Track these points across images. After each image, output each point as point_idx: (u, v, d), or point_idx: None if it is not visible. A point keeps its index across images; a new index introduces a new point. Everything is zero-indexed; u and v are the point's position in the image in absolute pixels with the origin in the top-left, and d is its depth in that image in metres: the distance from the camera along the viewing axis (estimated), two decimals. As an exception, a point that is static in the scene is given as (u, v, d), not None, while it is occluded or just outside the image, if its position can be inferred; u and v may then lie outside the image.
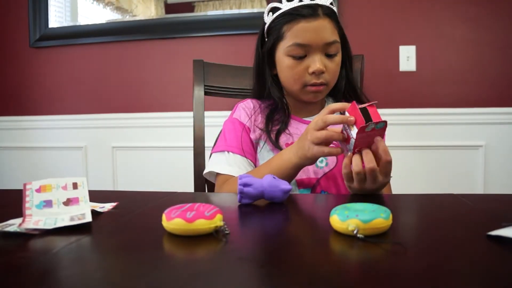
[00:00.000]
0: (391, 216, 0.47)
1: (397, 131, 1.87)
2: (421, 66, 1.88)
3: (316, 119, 0.73)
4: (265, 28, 0.93)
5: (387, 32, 1.89)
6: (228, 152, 0.91)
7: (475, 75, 1.84)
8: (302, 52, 0.86)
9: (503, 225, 0.47)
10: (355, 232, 0.45)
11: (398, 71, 1.89)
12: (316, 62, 0.85)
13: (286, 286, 0.35)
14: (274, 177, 0.65)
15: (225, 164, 0.90)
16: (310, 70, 0.86)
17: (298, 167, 0.78)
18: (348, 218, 0.46)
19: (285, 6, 0.87)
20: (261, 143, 0.92)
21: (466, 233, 0.49)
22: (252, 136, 0.93)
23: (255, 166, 0.92)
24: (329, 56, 0.87)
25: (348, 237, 0.45)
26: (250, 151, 0.92)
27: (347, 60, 0.94)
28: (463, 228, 0.52)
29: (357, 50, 0.97)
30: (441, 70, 1.87)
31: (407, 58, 1.88)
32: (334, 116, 0.70)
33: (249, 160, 0.91)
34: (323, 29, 0.85)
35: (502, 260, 0.40)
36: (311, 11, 0.84)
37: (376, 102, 0.69)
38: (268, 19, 0.91)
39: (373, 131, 0.66)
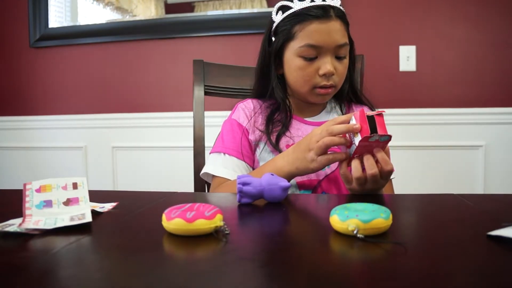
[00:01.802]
0: (391, 216, 0.47)
1: (397, 131, 1.86)
2: (421, 66, 1.88)
3: (319, 131, 0.72)
4: (273, 27, 0.91)
5: (387, 32, 1.89)
6: (225, 154, 0.90)
7: (475, 75, 1.85)
8: (314, 53, 0.85)
9: (503, 225, 0.47)
10: (355, 232, 0.45)
11: (398, 71, 1.89)
12: (327, 64, 0.84)
13: (286, 286, 0.35)
14: (272, 174, 0.65)
15: (221, 166, 0.89)
16: (321, 72, 0.85)
17: (291, 176, 0.78)
18: (348, 218, 0.46)
19: (296, 6, 0.85)
20: (261, 145, 0.92)
21: (466, 233, 0.49)
22: (252, 137, 0.92)
23: (253, 169, 0.92)
24: (339, 58, 0.87)
25: (348, 237, 0.45)
26: (248, 154, 0.92)
27: (352, 61, 0.94)
28: (463, 228, 0.52)
29: (357, 50, 0.97)
30: (441, 70, 1.87)
31: (407, 58, 1.88)
32: (339, 126, 0.70)
33: (246, 164, 0.91)
34: (335, 31, 0.84)
35: (502, 260, 0.40)
36: (324, 12, 0.83)
37: (384, 111, 0.68)
38: (277, 18, 0.89)
39: (376, 142, 0.66)
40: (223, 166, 0.89)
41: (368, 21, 1.89)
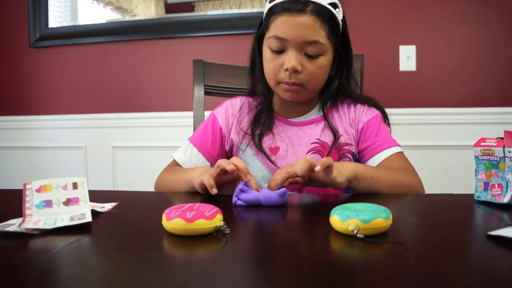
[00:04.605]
0: (391, 216, 0.47)
1: (397, 130, 1.86)
2: (421, 66, 1.88)
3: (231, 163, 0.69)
4: (262, 20, 0.90)
5: (387, 32, 1.89)
6: (192, 144, 0.93)
7: (475, 75, 1.84)
8: (279, 46, 0.82)
9: (503, 225, 0.47)
10: (355, 232, 0.45)
11: (398, 71, 1.89)
12: (291, 59, 0.81)
13: (286, 286, 0.35)
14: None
15: (182, 153, 0.93)
16: (284, 66, 0.82)
17: (191, 182, 0.77)
18: (348, 218, 0.46)
19: None
20: (243, 147, 0.91)
21: (466, 233, 0.49)
22: (235, 137, 0.92)
23: (212, 165, 0.92)
24: (310, 56, 0.82)
25: (348, 237, 0.45)
26: (212, 152, 0.92)
27: (345, 65, 0.89)
28: (463, 228, 0.52)
29: (357, 50, 0.97)
30: (441, 70, 1.87)
31: (407, 58, 1.88)
32: (209, 175, 0.70)
33: (205, 158, 0.92)
34: (305, 27, 0.80)
35: (502, 260, 0.40)
36: (299, 7, 0.80)
37: None
38: (266, 8, 0.89)
39: None
40: (184, 154, 0.93)
41: (368, 21, 1.89)
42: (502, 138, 0.64)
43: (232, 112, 0.94)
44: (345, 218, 0.46)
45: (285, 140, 0.90)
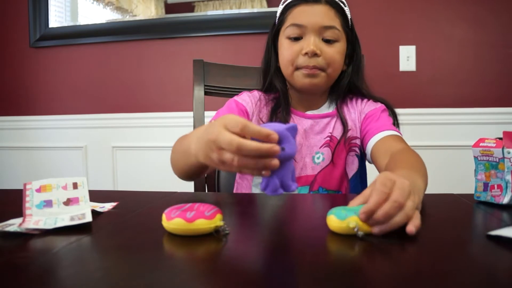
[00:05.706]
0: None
1: (397, 131, 1.87)
2: (421, 66, 1.88)
3: (229, 139, 0.48)
4: (276, 18, 0.94)
5: (387, 32, 1.89)
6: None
7: (475, 75, 1.84)
8: (297, 33, 0.86)
9: (503, 225, 0.47)
10: (355, 229, 0.45)
11: (398, 71, 1.89)
12: (309, 43, 0.84)
13: (286, 286, 0.35)
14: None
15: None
16: (303, 51, 0.85)
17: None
18: (347, 216, 0.46)
19: None
20: None
21: (466, 233, 0.49)
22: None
23: None
24: (327, 41, 0.86)
25: (348, 237, 0.45)
26: None
27: (355, 59, 0.93)
28: (463, 228, 0.52)
29: (357, 50, 0.97)
30: (441, 70, 1.87)
31: (407, 58, 1.88)
32: (251, 145, 0.47)
33: None
34: (321, 13, 0.86)
35: (502, 260, 0.40)
36: None
37: None
38: (279, 9, 0.93)
39: None
40: None
41: (368, 21, 1.89)
42: (501, 139, 0.64)
43: (253, 101, 0.95)
44: (344, 217, 0.46)
45: (300, 133, 0.92)
